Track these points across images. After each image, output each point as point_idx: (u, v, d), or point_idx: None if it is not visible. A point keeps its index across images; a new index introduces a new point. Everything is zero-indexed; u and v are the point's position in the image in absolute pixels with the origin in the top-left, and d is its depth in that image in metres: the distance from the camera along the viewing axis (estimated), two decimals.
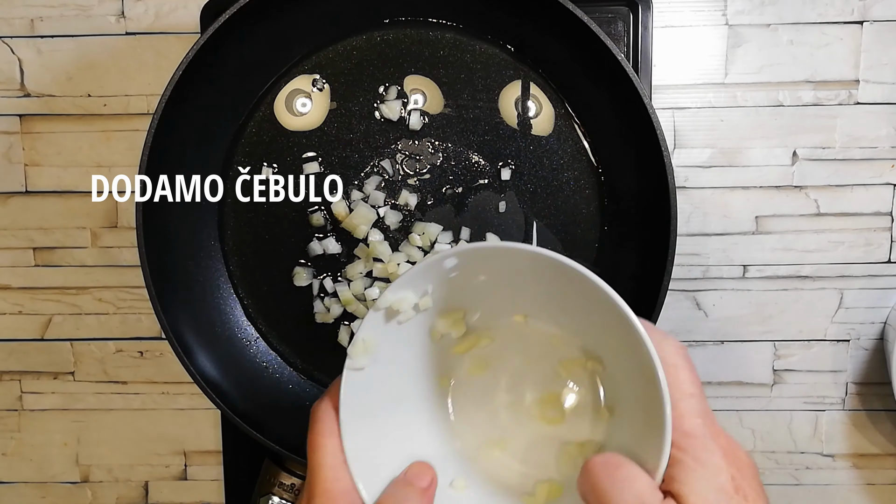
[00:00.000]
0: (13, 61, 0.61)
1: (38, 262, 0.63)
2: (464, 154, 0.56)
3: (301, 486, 0.57)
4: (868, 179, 0.59)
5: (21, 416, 0.65)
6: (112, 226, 0.62)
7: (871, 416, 0.61)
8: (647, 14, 0.55)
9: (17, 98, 0.61)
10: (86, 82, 0.61)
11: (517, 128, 0.55)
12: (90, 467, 0.65)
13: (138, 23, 0.60)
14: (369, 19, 0.55)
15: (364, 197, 0.56)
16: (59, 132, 0.61)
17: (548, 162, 0.55)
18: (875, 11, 0.58)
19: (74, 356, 0.64)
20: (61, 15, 0.60)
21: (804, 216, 0.60)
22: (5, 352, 0.64)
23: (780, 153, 0.59)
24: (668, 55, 0.59)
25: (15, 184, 0.62)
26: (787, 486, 0.62)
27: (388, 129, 0.56)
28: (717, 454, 0.33)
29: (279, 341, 0.57)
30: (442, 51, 0.55)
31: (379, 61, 0.56)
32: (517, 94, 0.55)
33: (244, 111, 0.56)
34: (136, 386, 0.64)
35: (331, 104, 0.56)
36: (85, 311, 0.63)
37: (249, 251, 0.57)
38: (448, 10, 0.55)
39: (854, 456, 0.62)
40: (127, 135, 0.61)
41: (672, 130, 0.59)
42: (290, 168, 0.56)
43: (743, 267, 0.60)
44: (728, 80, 0.59)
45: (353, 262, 0.56)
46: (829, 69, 0.58)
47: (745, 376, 0.62)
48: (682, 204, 0.59)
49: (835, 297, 0.60)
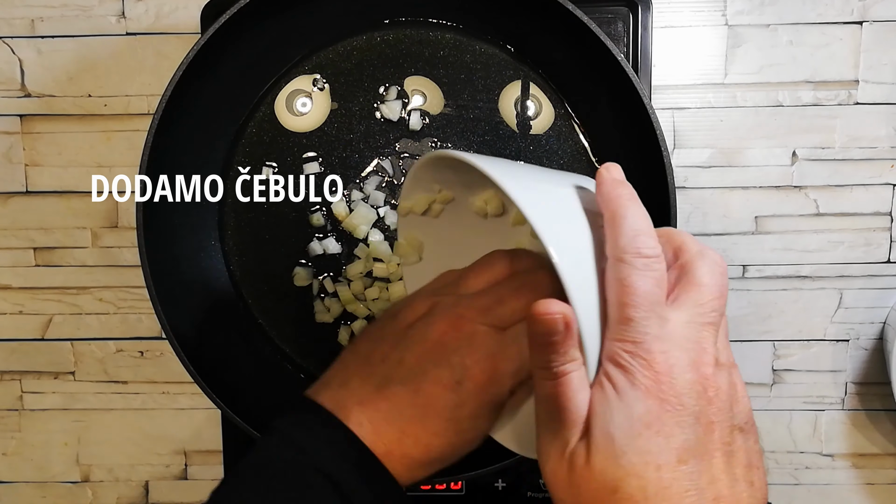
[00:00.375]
0: (14, 61, 0.61)
1: (39, 262, 0.63)
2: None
3: None
4: (868, 179, 0.59)
5: (21, 415, 0.65)
6: (112, 226, 0.62)
7: (871, 415, 0.62)
8: (646, 14, 0.55)
9: (18, 98, 0.61)
10: (86, 82, 0.61)
11: (517, 128, 0.56)
12: (90, 467, 0.65)
13: (138, 23, 0.60)
14: (369, 19, 0.55)
15: (364, 197, 0.56)
16: (60, 132, 0.61)
17: (548, 162, 0.55)
18: (875, 11, 0.58)
19: (75, 356, 0.64)
20: (62, 15, 0.60)
21: (804, 216, 0.60)
22: (6, 352, 0.64)
23: (780, 153, 0.59)
24: (667, 55, 0.59)
25: (15, 184, 0.62)
26: (787, 485, 0.63)
27: (388, 129, 0.56)
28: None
29: (279, 341, 0.57)
30: (442, 51, 0.55)
31: (379, 61, 0.56)
32: (517, 94, 0.55)
33: (244, 111, 0.56)
34: (137, 386, 0.64)
35: (331, 104, 0.56)
36: (85, 311, 0.63)
37: (249, 251, 0.57)
38: (448, 10, 0.55)
39: (853, 456, 0.62)
40: (127, 135, 0.61)
41: (672, 130, 0.60)
42: (290, 168, 0.56)
43: (742, 267, 0.60)
44: (728, 80, 0.59)
45: (353, 262, 0.56)
46: (829, 69, 0.59)
47: (744, 376, 0.61)
48: (682, 204, 0.59)
49: (834, 297, 0.60)
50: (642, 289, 0.32)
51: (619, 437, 0.31)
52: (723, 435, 0.32)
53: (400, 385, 0.37)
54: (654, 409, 0.31)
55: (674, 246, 0.35)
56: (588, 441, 0.32)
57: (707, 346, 0.33)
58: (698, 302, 0.33)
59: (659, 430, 0.31)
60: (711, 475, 0.31)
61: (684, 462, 0.31)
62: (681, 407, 0.31)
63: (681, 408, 0.31)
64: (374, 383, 0.38)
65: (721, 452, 0.32)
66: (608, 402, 0.32)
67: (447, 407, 0.37)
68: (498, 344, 0.38)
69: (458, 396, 0.37)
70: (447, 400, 0.37)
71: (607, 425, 0.31)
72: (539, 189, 0.37)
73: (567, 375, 0.33)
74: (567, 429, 0.33)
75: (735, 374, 0.34)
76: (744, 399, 0.34)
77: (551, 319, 0.32)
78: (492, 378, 0.38)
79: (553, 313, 0.32)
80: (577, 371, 0.33)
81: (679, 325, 0.32)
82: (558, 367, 0.33)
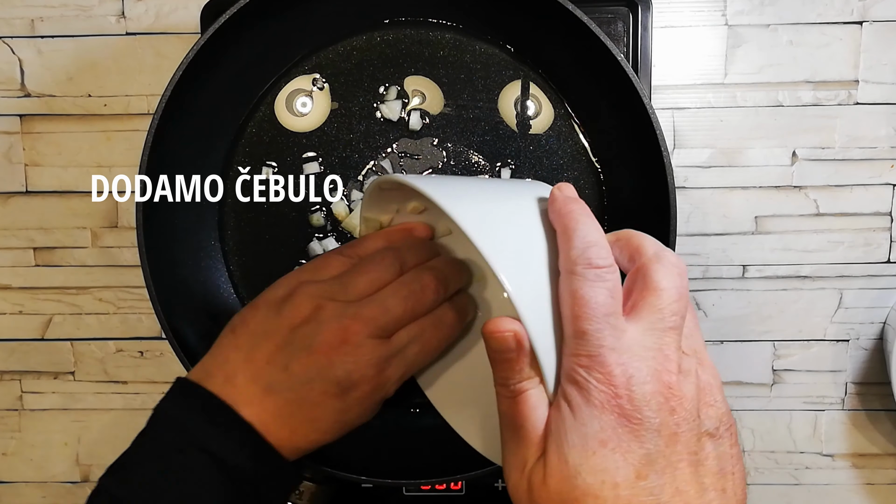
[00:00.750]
0: (13, 61, 0.61)
1: (39, 262, 0.63)
2: (464, 154, 0.56)
3: (302, 486, 0.57)
4: (868, 179, 0.59)
5: (21, 415, 0.65)
6: (112, 226, 0.62)
7: (871, 416, 0.62)
8: (646, 14, 0.55)
9: (18, 98, 0.61)
10: (86, 82, 0.61)
11: (517, 128, 0.56)
12: (90, 467, 0.65)
13: (138, 23, 0.60)
14: (369, 19, 0.55)
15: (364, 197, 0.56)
16: (60, 132, 0.61)
17: (547, 162, 0.55)
18: (875, 11, 0.58)
19: (75, 356, 0.64)
20: (62, 15, 0.60)
21: (804, 216, 0.60)
22: (5, 352, 0.64)
23: (780, 153, 0.59)
24: (667, 55, 0.59)
25: (15, 184, 0.62)
26: (787, 485, 0.63)
27: (388, 129, 0.56)
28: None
29: None
30: (442, 51, 0.55)
31: (379, 61, 0.56)
32: (517, 93, 0.55)
33: (244, 111, 0.56)
34: (137, 386, 0.64)
35: (331, 104, 0.56)
36: (85, 311, 0.63)
37: (249, 251, 0.57)
38: (448, 10, 0.55)
39: (853, 456, 0.62)
40: (127, 135, 0.61)
41: (672, 130, 0.60)
42: (290, 168, 0.56)
43: (742, 267, 0.60)
44: (728, 80, 0.59)
45: None
46: (829, 69, 0.59)
47: (744, 376, 0.62)
48: (682, 204, 0.59)
49: (834, 297, 0.60)
50: (594, 300, 0.31)
51: (573, 457, 0.30)
52: (689, 444, 0.31)
53: (288, 392, 0.39)
54: (610, 424, 0.30)
55: (630, 250, 0.34)
56: (544, 460, 0.31)
57: (669, 352, 0.31)
58: (657, 307, 0.32)
59: (616, 447, 0.30)
60: (675, 487, 0.30)
61: (644, 477, 0.30)
62: (640, 420, 0.30)
63: (639, 421, 0.30)
64: (261, 385, 0.39)
65: (687, 462, 0.30)
66: (563, 420, 0.31)
67: (334, 411, 0.39)
68: (384, 353, 0.39)
69: (344, 403, 0.39)
70: (334, 406, 0.39)
71: (562, 445, 0.31)
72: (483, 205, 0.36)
73: (523, 393, 0.32)
74: (525, 447, 0.32)
75: (706, 375, 0.32)
76: (716, 403, 0.32)
77: (501, 337, 0.32)
78: (377, 386, 0.39)
79: (503, 331, 0.31)
80: (534, 389, 0.32)
81: (637, 333, 0.31)
82: (514, 384, 0.32)
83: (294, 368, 0.39)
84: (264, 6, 0.50)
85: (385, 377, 0.40)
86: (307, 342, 0.39)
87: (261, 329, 0.40)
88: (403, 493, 0.58)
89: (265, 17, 0.51)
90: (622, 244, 0.34)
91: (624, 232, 0.35)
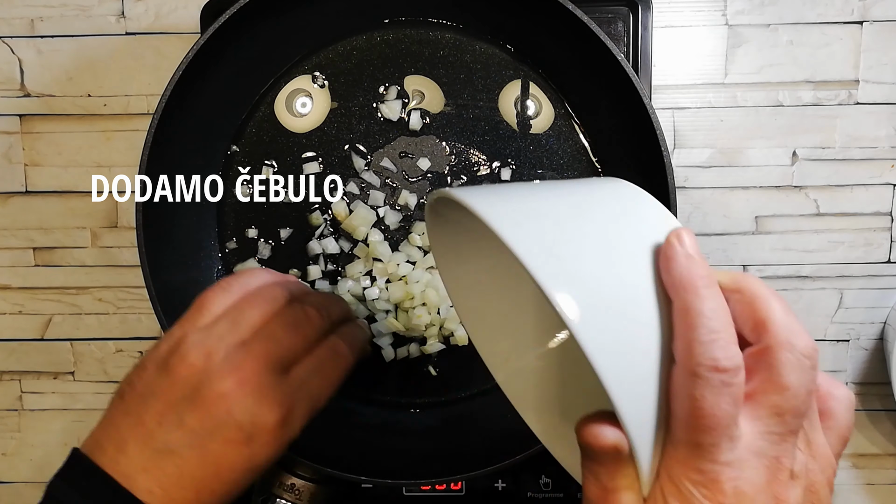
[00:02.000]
0: (13, 61, 0.61)
1: (38, 262, 0.63)
2: (464, 154, 0.56)
3: (302, 486, 0.57)
4: (868, 179, 0.59)
5: (21, 416, 0.65)
6: (112, 226, 0.62)
7: (871, 416, 0.61)
8: (646, 14, 0.55)
9: (18, 98, 0.61)
10: (86, 82, 0.61)
11: (517, 128, 0.56)
12: None
13: (138, 23, 0.60)
14: (369, 19, 0.55)
15: (364, 197, 0.56)
16: (59, 132, 0.61)
17: (547, 162, 0.55)
18: (875, 11, 0.58)
19: (74, 356, 0.64)
20: (61, 15, 0.60)
21: (804, 216, 0.60)
22: (5, 352, 0.64)
23: (780, 153, 0.59)
24: (667, 55, 0.59)
25: (15, 184, 0.62)
26: None
27: (388, 128, 0.56)
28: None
29: None
30: (442, 51, 0.55)
31: (379, 61, 0.56)
32: (517, 93, 0.55)
33: (244, 111, 0.56)
34: None
35: (331, 104, 0.56)
36: (85, 311, 0.63)
37: (249, 251, 0.57)
38: (448, 10, 0.55)
39: (854, 456, 0.62)
40: (127, 135, 0.61)
41: (672, 130, 0.59)
42: (290, 168, 0.56)
43: (743, 267, 0.60)
44: (728, 80, 0.59)
45: (353, 262, 0.56)
46: (829, 69, 0.58)
47: None
48: (682, 204, 0.59)
49: (834, 296, 0.60)
50: (716, 412, 0.27)
51: None
52: None
53: (187, 449, 0.36)
54: None
55: (754, 318, 0.29)
56: None
57: (785, 460, 0.28)
58: (779, 408, 0.28)
59: None
60: None
61: None
62: None
63: None
64: (155, 448, 0.36)
65: None
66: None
67: (241, 460, 0.36)
68: (285, 388, 0.37)
69: (250, 450, 0.36)
70: (240, 455, 0.36)
71: None
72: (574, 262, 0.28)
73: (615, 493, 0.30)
74: None
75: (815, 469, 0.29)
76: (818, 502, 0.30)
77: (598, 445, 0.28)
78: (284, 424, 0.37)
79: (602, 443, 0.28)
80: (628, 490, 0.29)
81: (753, 438, 0.28)
82: (607, 482, 0.30)
83: (190, 423, 0.36)
84: (264, 6, 0.50)
85: (292, 415, 0.37)
86: (200, 392, 0.36)
87: (148, 390, 0.37)
88: (403, 493, 0.58)
89: (265, 16, 0.51)
90: (744, 304, 0.29)
91: (744, 282, 0.30)
